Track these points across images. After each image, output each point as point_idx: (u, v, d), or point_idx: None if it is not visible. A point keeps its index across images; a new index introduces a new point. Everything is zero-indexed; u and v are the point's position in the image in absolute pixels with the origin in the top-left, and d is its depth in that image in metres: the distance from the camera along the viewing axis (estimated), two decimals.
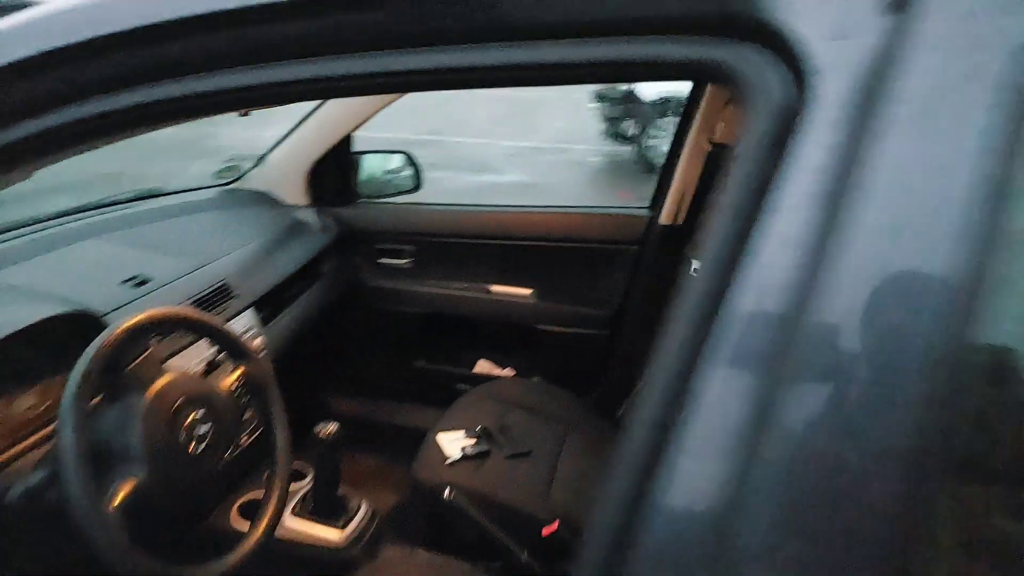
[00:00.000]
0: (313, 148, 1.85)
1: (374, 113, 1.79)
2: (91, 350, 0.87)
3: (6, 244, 1.30)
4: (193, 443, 0.96)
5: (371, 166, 2.01)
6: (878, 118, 0.38)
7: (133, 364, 0.94)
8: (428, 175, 2.04)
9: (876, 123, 0.38)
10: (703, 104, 1.68)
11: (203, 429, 0.97)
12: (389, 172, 2.02)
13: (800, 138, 0.41)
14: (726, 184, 0.43)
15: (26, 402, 1.01)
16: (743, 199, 0.42)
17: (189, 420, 0.96)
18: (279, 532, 1.38)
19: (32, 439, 0.98)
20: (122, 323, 0.91)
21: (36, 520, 0.88)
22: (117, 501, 0.85)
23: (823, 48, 0.41)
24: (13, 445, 0.96)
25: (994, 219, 0.36)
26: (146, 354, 0.97)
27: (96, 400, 0.91)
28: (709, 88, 1.66)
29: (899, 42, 0.39)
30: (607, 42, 0.46)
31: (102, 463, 0.87)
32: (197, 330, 1.11)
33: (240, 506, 1.47)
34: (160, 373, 0.96)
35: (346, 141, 1.88)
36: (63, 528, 0.82)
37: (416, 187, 2.01)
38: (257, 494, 1.31)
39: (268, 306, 1.56)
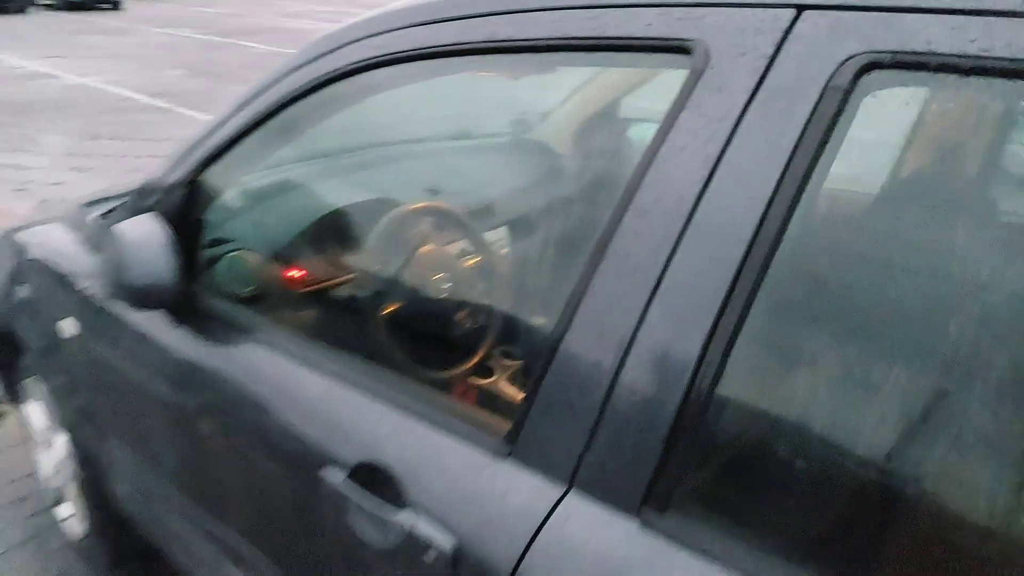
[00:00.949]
0: (582, 111, 2.27)
1: (634, 87, 2.15)
2: (384, 219, 1.40)
3: (367, 155, 1.95)
4: (436, 292, 1.46)
5: (636, 132, 2.36)
6: None
7: (412, 233, 1.46)
8: None
9: None
10: None
11: (445, 285, 1.47)
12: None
13: None
14: None
15: None
16: None
17: (437, 276, 1.46)
18: (494, 388, 1.87)
19: None
20: (404, 207, 1.44)
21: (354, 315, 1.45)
22: (384, 312, 1.38)
23: None
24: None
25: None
26: (419, 229, 1.49)
27: (385, 250, 1.45)
28: None
29: None
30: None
31: (383, 287, 1.41)
32: (451, 222, 1.61)
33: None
34: (426, 243, 1.47)
35: (612, 108, 2.26)
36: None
37: None
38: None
39: (520, 228, 2.04)
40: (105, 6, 20.95)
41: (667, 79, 0.74)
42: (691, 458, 0.70)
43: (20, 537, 2.09)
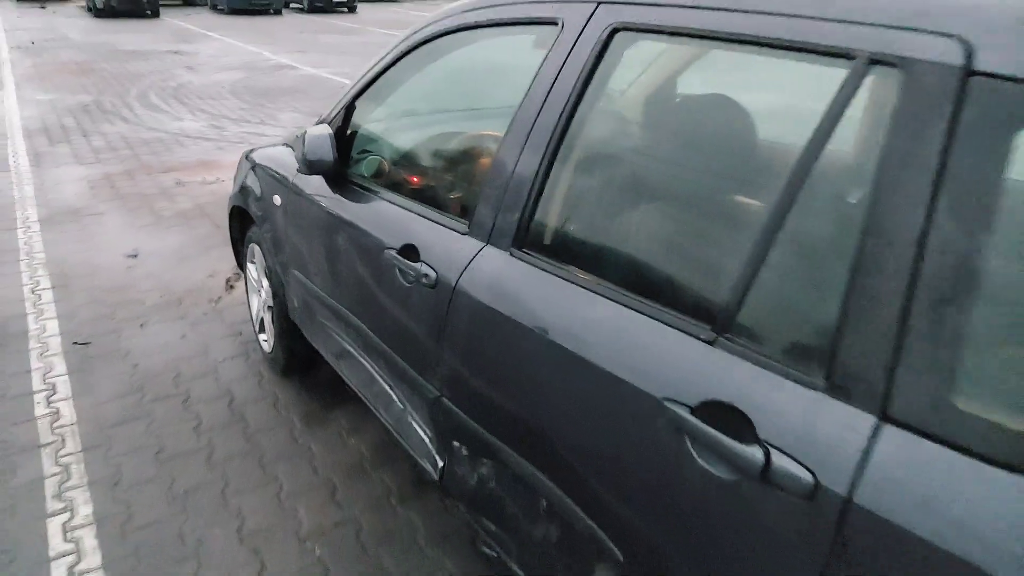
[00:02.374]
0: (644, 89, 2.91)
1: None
2: (461, 137, 2.20)
3: (456, 103, 2.75)
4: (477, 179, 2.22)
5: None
6: None
7: (476, 149, 2.24)
8: None
9: None
10: None
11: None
12: None
13: None
14: None
15: None
16: None
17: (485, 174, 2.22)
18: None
19: None
20: (474, 132, 2.22)
21: (426, 182, 2.27)
22: (445, 179, 2.16)
23: None
24: None
25: None
26: (482, 147, 2.26)
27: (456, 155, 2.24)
28: None
29: None
30: None
31: (446, 172, 2.20)
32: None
33: None
34: (485, 156, 2.24)
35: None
36: None
37: None
38: None
39: None
40: (343, 9, 24.01)
41: (547, 39, 1.46)
42: (534, 225, 1.42)
43: (235, 352, 3.18)
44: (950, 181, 0.84)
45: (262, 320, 3.06)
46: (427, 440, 1.81)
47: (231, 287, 3.86)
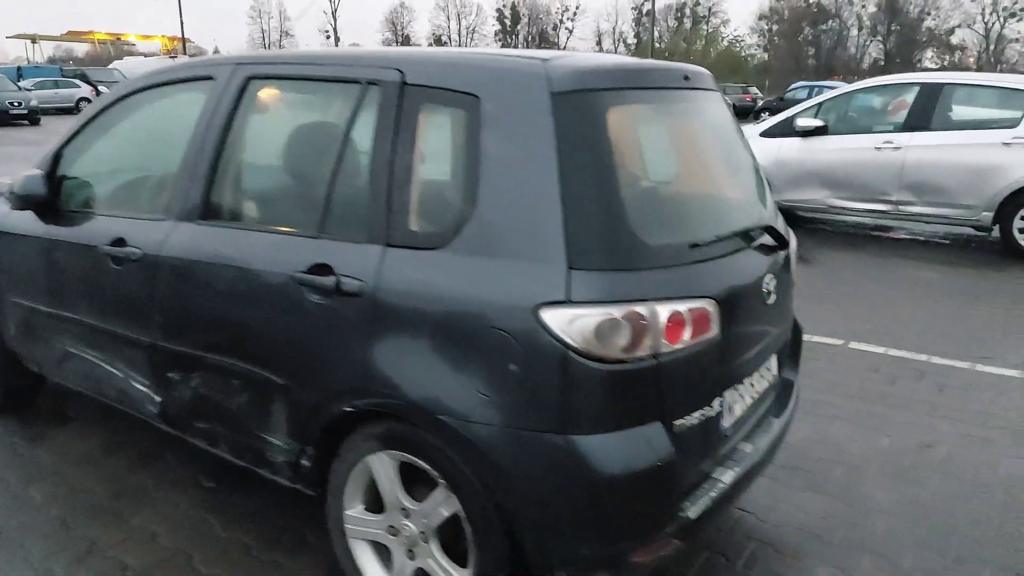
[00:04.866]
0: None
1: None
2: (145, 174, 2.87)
3: (138, 149, 3.40)
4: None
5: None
6: None
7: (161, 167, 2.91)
8: None
9: None
10: None
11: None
12: None
13: None
14: None
15: None
16: None
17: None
18: None
19: None
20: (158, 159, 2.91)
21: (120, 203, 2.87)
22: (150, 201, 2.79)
23: None
24: None
25: None
26: (166, 164, 2.93)
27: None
28: None
29: None
30: None
31: (131, 197, 2.84)
32: None
33: None
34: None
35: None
36: None
37: None
38: None
39: None
40: (23, 122, 22.10)
41: (207, 88, 2.26)
42: (210, 204, 2.17)
43: None
44: (399, 135, 1.82)
45: None
46: (146, 388, 2.38)
47: None
